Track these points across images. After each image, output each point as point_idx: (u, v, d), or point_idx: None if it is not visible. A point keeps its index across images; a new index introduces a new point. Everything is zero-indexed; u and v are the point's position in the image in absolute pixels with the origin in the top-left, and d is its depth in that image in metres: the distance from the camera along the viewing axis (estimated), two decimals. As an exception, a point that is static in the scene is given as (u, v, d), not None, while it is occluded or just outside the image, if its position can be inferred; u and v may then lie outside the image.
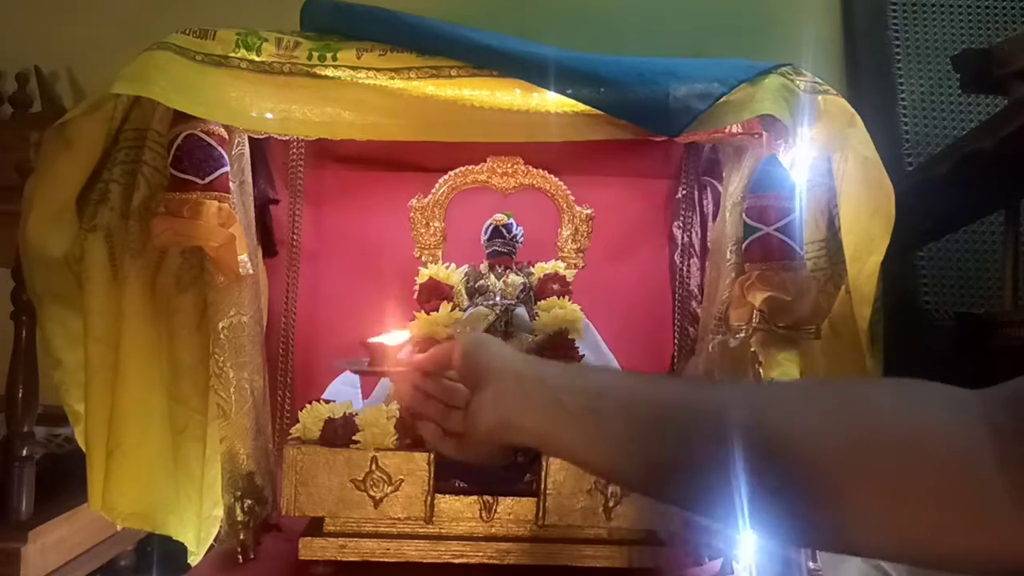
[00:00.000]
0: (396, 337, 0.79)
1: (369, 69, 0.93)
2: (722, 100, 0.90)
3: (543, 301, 1.08)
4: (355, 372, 0.89)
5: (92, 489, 0.98)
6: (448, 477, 0.92)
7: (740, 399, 0.50)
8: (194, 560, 1.06)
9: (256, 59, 0.92)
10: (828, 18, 1.60)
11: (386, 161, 1.23)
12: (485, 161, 1.16)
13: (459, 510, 0.91)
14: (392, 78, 0.93)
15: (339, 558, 0.90)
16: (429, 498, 0.90)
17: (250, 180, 1.06)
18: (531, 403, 0.57)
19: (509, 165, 1.16)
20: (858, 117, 0.96)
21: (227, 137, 0.94)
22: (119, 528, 1.05)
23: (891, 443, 0.43)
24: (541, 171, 1.17)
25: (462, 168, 1.16)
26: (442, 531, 0.92)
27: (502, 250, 1.13)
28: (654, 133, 0.95)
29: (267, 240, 1.17)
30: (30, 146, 1.15)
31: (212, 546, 1.06)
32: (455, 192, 1.16)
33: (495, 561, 0.91)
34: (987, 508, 0.39)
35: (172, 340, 1.00)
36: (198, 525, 1.04)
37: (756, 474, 0.44)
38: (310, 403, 0.95)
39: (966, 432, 0.42)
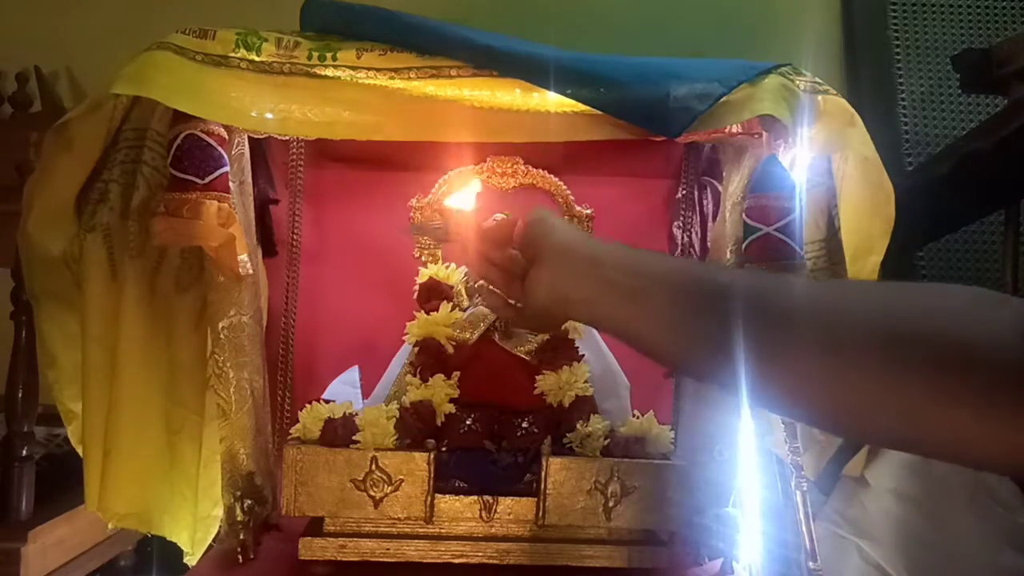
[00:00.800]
0: (468, 199, 0.84)
1: (369, 69, 0.93)
2: (722, 100, 0.90)
3: (543, 301, 1.07)
4: (426, 235, 0.96)
5: (88, 489, 0.98)
6: (448, 477, 0.92)
7: (786, 288, 0.52)
8: (190, 561, 1.06)
9: (256, 59, 0.92)
10: (828, 18, 1.60)
11: (386, 161, 1.23)
12: (485, 161, 1.16)
13: (459, 510, 0.91)
14: (392, 78, 0.93)
15: (339, 558, 0.90)
16: (429, 498, 0.90)
17: (250, 180, 1.06)
18: (582, 279, 0.61)
19: (509, 165, 1.16)
20: (858, 117, 0.96)
21: (227, 137, 0.94)
22: (117, 528, 1.04)
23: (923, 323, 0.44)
24: (541, 171, 1.17)
25: (462, 168, 1.16)
26: (442, 531, 0.92)
27: (502, 250, 1.13)
28: (654, 133, 0.95)
29: (267, 240, 1.17)
30: (30, 146, 1.16)
31: (211, 546, 1.06)
32: (455, 192, 1.16)
33: (495, 561, 0.91)
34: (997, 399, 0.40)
35: (170, 340, 1.00)
36: (193, 526, 1.04)
37: (798, 357, 0.47)
38: (310, 403, 0.95)
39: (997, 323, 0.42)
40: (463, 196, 0.82)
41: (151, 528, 1.03)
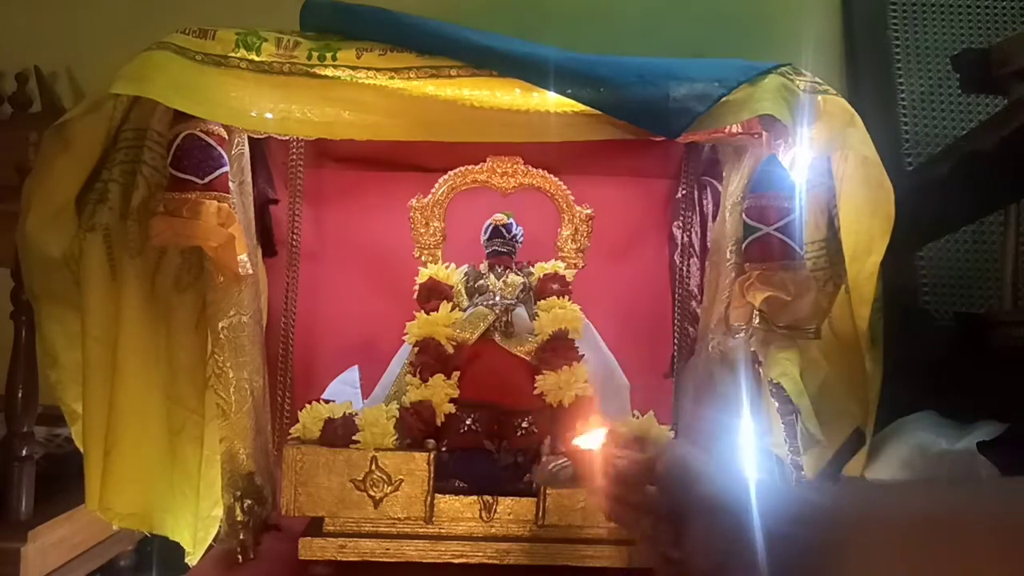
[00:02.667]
0: (595, 438, 0.70)
1: (369, 69, 0.93)
2: (722, 100, 0.90)
3: (543, 301, 1.07)
4: (555, 484, 0.82)
5: (89, 489, 0.98)
6: (448, 477, 0.92)
7: None
8: (191, 560, 1.06)
9: (256, 59, 0.92)
10: (828, 18, 1.60)
11: (386, 161, 1.23)
12: (485, 161, 1.16)
13: (459, 510, 0.91)
14: (392, 78, 0.93)
15: (339, 558, 0.90)
16: (429, 498, 0.90)
17: (250, 180, 1.06)
18: (751, 540, 0.51)
19: (509, 165, 1.16)
20: (858, 117, 0.96)
21: (227, 137, 0.94)
22: (117, 528, 1.04)
23: None
24: (541, 171, 1.17)
25: (462, 168, 1.16)
26: (442, 531, 0.92)
27: (502, 250, 1.13)
28: (654, 134, 0.95)
29: (267, 240, 1.17)
30: (29, 146, 1.15)
31: (211, 546, 1.06)
32: (455, 192, 1.16)
33: (495, 561, 0.91)
34: None
35: (170, 340, 1.00)
36: (194, 525, 1.04)
37: None
38: (310, 403, 0.95)
39: None
40: (591, 436, 0.72)
41: (152, 528, 1.03)
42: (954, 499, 0.44)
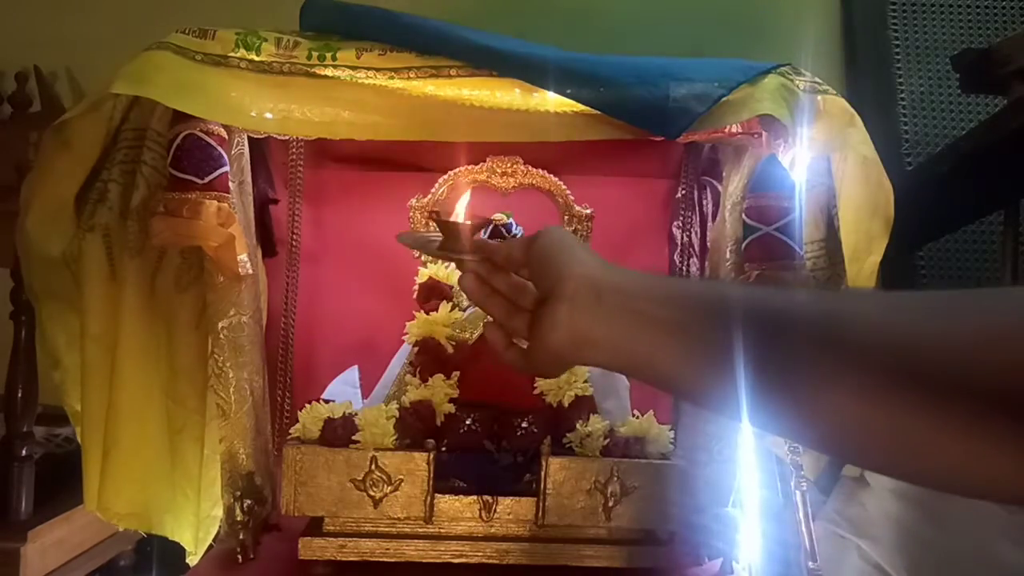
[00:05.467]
0: (465, 209, 0.70)
1: (369, 69, 0.93)
2: (722, 100, 0.90)
3: (543, 301, 1.07)
4: (419, 250, 0.77)
5: (88, 489, 0.98)
6: (448, 477, 0.92)
7: (860, 307, 0.44)
8: (192, 560, 1.06)
9: (256, 59, 0.92)
10: (828, 18, 1.60)
11: (386, 161, 1.23)
12: (485, 161, 1.16)
13: (459, 510, 0.91)
14: (392, 78, 0.93)
15: (339, 558, 0.90)
16: (429, 498, 0.90)
17: (250, 180, 1.06)
18: (608, 315, 0.51)
19: (509, 165, 1.16)
20: (858, 117, 0.96)
21: (227, 137, 0.94)
22: (117, 528, 1.04)
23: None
24: (541, 171, 1.17)
25: (462, 168, 1.16)
26: (442, 531, 0.92)
27: (502, 250, 1.13)
28: (653, 134, 0.95)
29: (267, 240, 1.17)
30: (29, 146, 1.16)
31: (211, 546, 1.06)
32: (455, 192, 1.16)
33: (495, 561, 0.91)
34: None
35: (170, 340, 1.00)
36: (195, 525, 1.04)
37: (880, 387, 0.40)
38: (310, 403, 0.95)
39: None
40: (462, 205, 0.70)
41: (152, 528, 1.03)
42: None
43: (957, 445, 0.38)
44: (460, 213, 0.69)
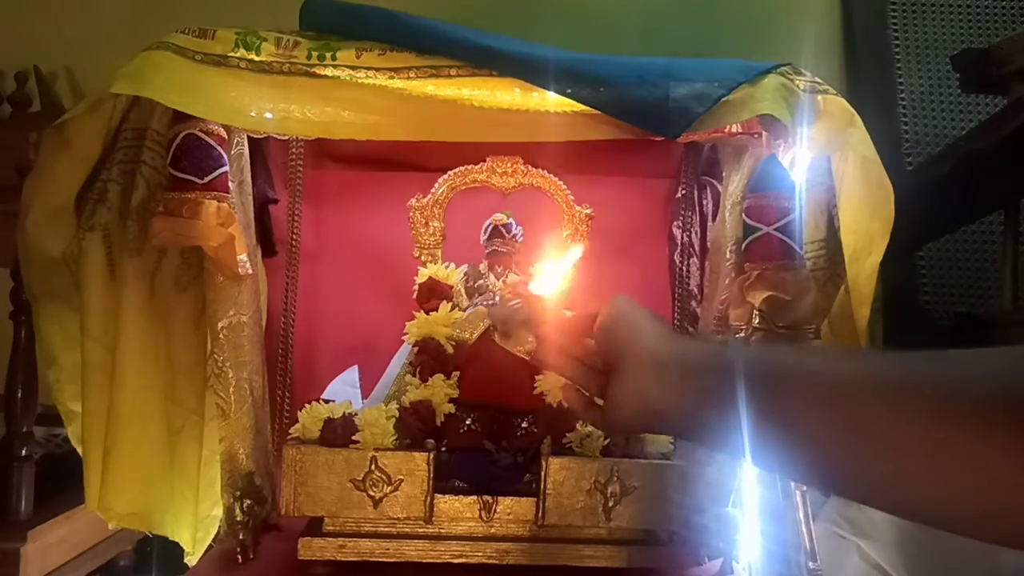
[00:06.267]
0: (546, 284, 0.72)
1: (368, 69, 0.93)
2: (722, 100, 0.90)
3: (543, 301, 1.07)
4: (504, 323, 0.81)
5: (89, 489, 0.98)
6: (448, 477, 0.92)
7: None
8: (191, 560, 1.06)
9: (255, 59, 0.92)
10: (828, 18, 1.60)
11: (386, 161, 1.23)
12: (485, 161, 1.16)
13: (459, 510, 0.91)
14: (392, 78, 0.93)
15: (338, 558, 0.90)
16: (428, 498, 0.90)
17: (249, 180, 1.06)
18: (671, 390, 0.53)
19: (509, 165, 1.16)
20: (858, 117, 0.96)
21: (226, 137, 0.94)
22: (117, 528, 1.04)
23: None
24: (541, 171, 1.16)
25: (462, 168, 1.16)
26: (442, 531, 0.92)
27: (501, 250, 1.13)
28: (653, 134, 0.95)
29: (266, 240, 1.17)
30: (29, 146, 1.15)
31: (211, 546, 1.06)
32: (455, 192, 1.16)
33: (495, 561, 0.91)
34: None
35: (170, 340, 1.00)
36: (194, 525, 1.04)
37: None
38: (309, 403, 0.95)
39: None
40: (544, 281, 0.73)
41: (152, 528, 1.03)
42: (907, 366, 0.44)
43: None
44: (548, 285, 0.73)
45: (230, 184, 0.94)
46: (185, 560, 1.07)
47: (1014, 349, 0.39)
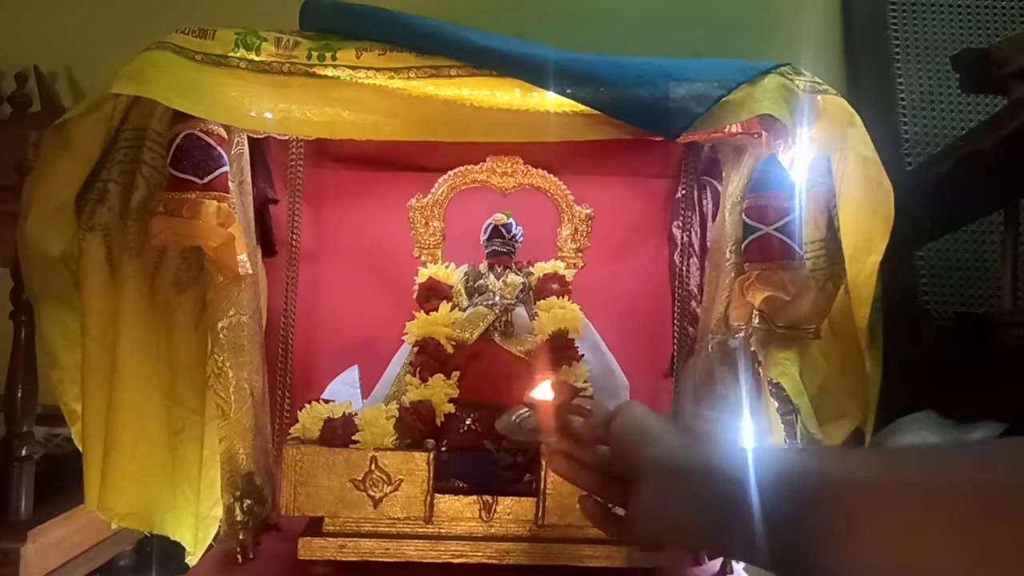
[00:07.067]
0: (546, 389, 0.71)
1: (368, 69, 0.93)
2: (721, 100, 0.90)
3: (542, 301, 1.08)
4: (514, 435, 0.79)
5: (88, 489, 0.98)
6: (448, 477, 0.92)
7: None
8: (192, 560, 1.06)
9: (255, 59, 0.92)
10: (828, 18, 1.60)
11: (386, 161, 1.23)
12: (485, 161, 1.16)
13: (459, 510, 0.91)
14: (392, 78, 0.93)
15: (338, 558, 0.90)
16: (428, 498, 0.90)
17: (249, 180, 1.06)
18: (697, 502, 0.49)
19: (509, 165, 1.16)
20: (857, 117, 0.96)
21: (226, 137, 0.94)
22: (117, 527, 1.04)
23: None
24: (541, 171, 1.17)
25: (462, 168, 1.16)
26: (441, 531, 0.92)
27: (501, 250, 1.13)
28: (653, 134, 0.95)
29: (266, 240, 1.17)
30: (29, 146, 1.16)
31: (211, 546, 1.06)
32: (455, 192, 1.16)
33: (495, 561, 0.91)
34: None
35: (170, 340, 1.00)
36: (195, 525, 1.04)
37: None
38: (309, 403, 0.95)
39: None
40: (542, 388, 0.71)
41: (152, 528, 1.03)
42: (938, 462, 0.42)
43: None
44: (547, 392, 0.71)
45: (230, 184, 0.94)
46: (186, 560, 1.07)
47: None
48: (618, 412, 0.59)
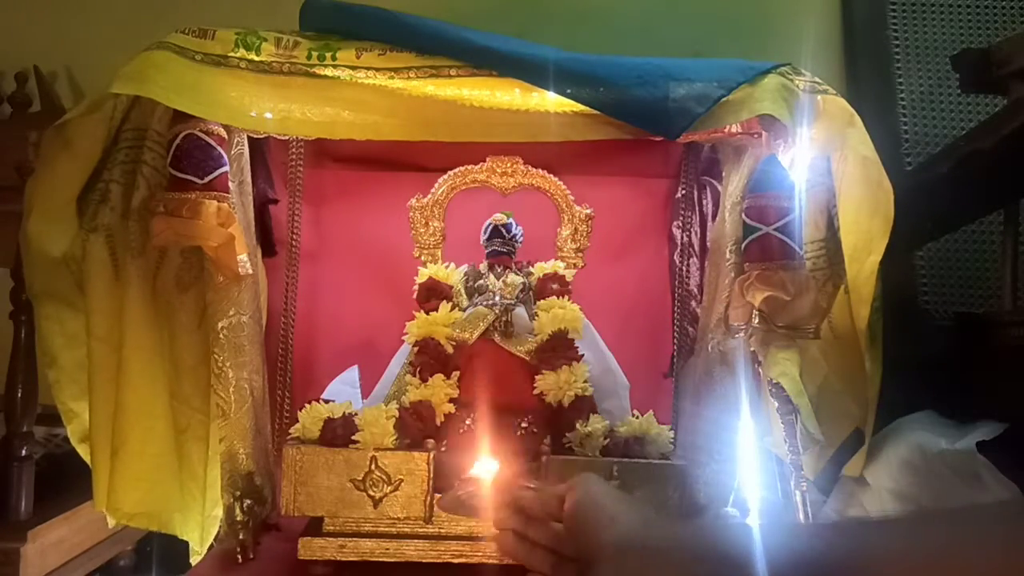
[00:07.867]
0: (488, 466, 0.68)
1: (368, 69, 0.93)
2: (721, 100, 0.90)
3: (542, 301, 1.08)
4: (462, 515, 0.77)
5: (97, 489, 0.98)
6: (448, 477, 0.92)
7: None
8: (196, 560, 1.06)
9: (255, 59, 0.92)
10: (828, 18, 1.60)
11: (386, 161, 1.23)
12: (485, 161, 1.16)
13: (458, 510, 0.91)
14: (391, 78, 0.93)
15: (338, 558, 0.90)
16: (428, 498, 0.90)
17: (249, 180, 1.06)
18: None
19: (509, 165, 1.16)
20: (857, 117, 0.96)
21: (226, 137, 0.94)
22: (118, 527, 1.04)
23: None
24: (541, 171, 1.17)
25: (462, 168, 1.16)
26: (441, 531, 0.92)
27: (501, 250, 1.13)
28: (653, 134, 0.95)
29: (266, 240, 1.17)
30: (29, 146, 1.15)
31: (211, 546, 1.06)
32: (455, 192, 1.16)
33: (494, 561, 0.91)
34: None
35: (173, 340, 1.00)
36: (202, 524, 1.04)
37: None
38: (309, 403, 0.95)
39: None
40: (483, 465, 0.68)
41: (161, 527, 1.03)
42: (950, 536, 0.42)
43: None
44: (487, 469, 0.69)
45: (230, 184, 0.94)
46: (187, 560, 1.07)
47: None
48: (573, 487, 0.56)
